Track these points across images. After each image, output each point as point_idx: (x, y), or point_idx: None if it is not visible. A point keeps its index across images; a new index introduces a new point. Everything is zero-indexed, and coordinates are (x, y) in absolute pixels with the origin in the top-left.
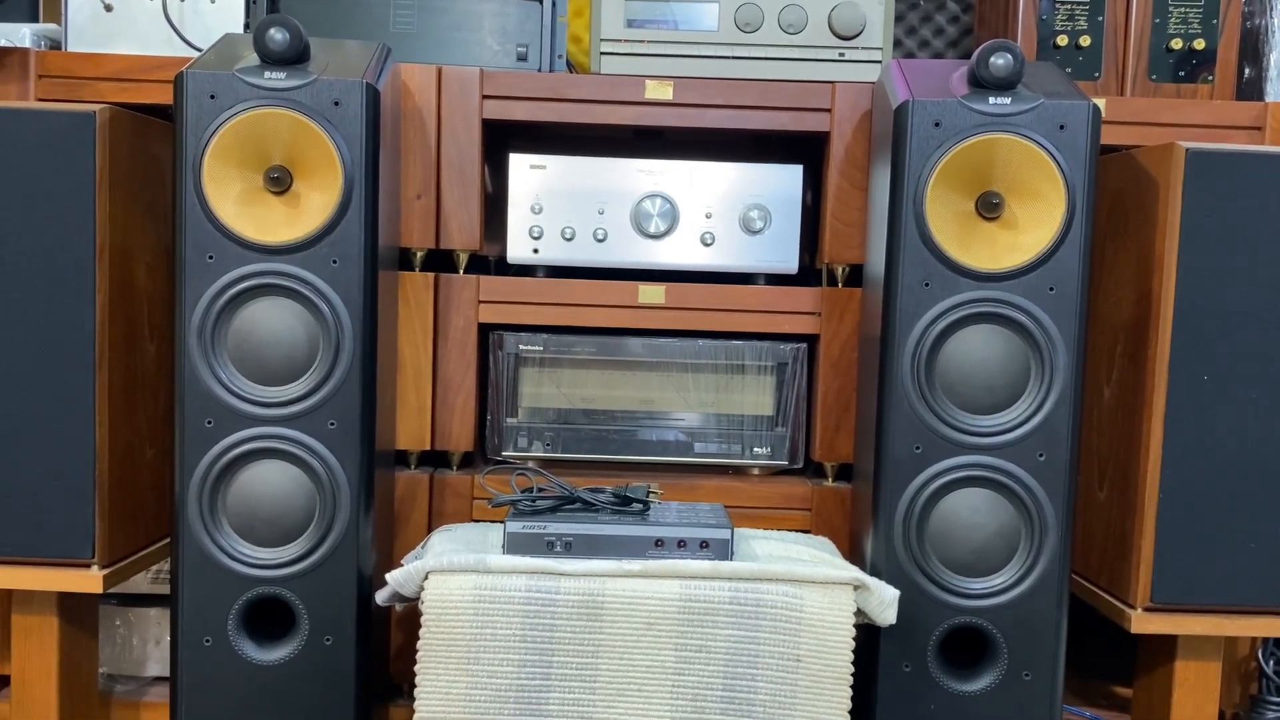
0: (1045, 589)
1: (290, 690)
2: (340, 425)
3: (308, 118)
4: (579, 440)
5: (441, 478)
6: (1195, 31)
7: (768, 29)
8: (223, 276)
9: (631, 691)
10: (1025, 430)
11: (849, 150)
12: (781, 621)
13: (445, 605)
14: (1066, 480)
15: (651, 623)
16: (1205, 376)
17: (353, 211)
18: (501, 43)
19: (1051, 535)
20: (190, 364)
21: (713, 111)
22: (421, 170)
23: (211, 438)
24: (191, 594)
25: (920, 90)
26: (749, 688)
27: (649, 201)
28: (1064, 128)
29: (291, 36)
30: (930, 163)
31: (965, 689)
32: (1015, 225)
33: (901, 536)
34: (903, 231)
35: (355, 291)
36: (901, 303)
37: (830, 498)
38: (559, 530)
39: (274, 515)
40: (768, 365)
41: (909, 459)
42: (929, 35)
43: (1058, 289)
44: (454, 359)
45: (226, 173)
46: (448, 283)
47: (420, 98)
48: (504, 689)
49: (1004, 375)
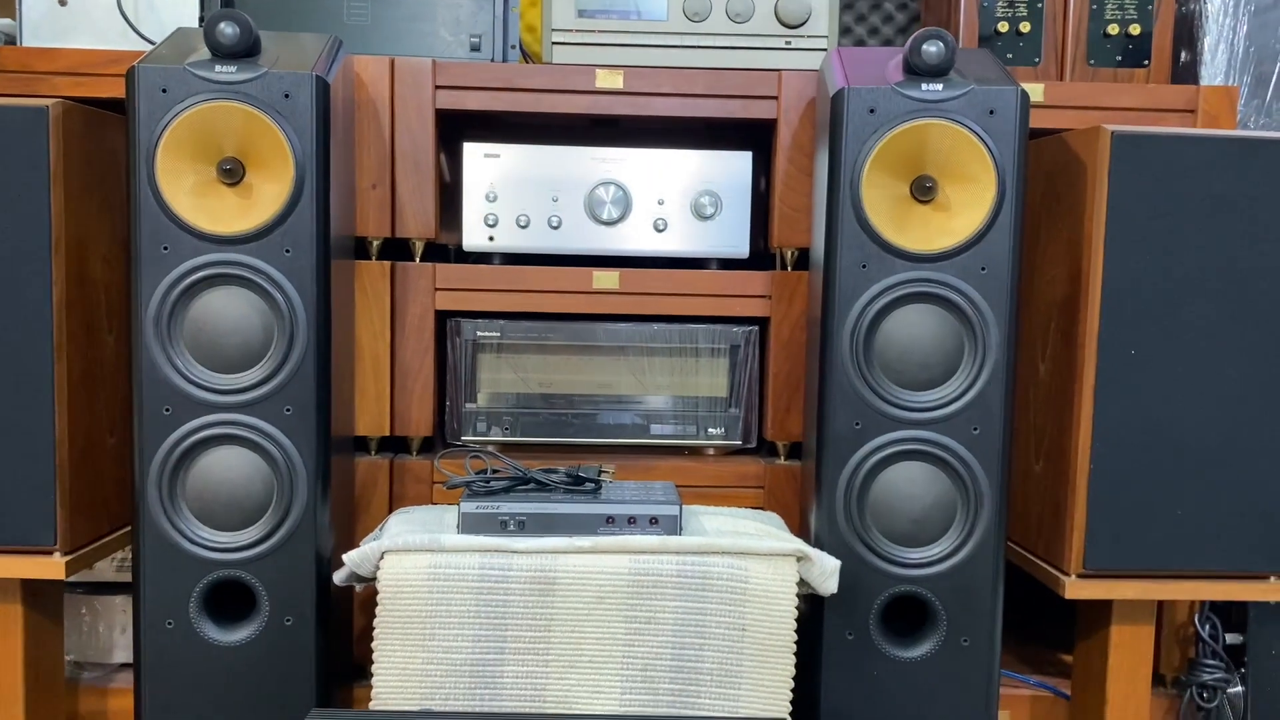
0: (982, 558)
1: (252, 670)
2: (296, 411)
3: (259, 110)
4: (537, 424)
5: (401, 463)
6: (1131, 17)
7: (716, 18)
8: (178, 267)
9: (583, 663)
10: (960, 405)
11: (796, 137)
12: (727, 593)
13: (401, 584)
14: (1000, 453)
15: (602, 597)
16: (1133, 351)
17: (304, 201)
18: (455, 33)
19: (986, 506)
20: (147, 353)
21: (663, 100)
22: (376, 160)
23: (170, 425)
24: (153, 578)
25: (856, 78)
26: (696, 657)
27: (603, 189)
28: (994, 113)
29: (241, 30)
30: (866, 148)
31: (906, 656)
32: (948, 208)
33: (843, 509)
34: (840, 215)
35: (308, 280)
36: (840, 284)
37: (782, 475)
38: (512, 510)
39: (232, 500)
40: (721, 348)
41: (849, 435)
42: (878, 22)
43: (989, 269)
44: (412, 346)
45: (179, 165)
46: (404, 271)
47: (374, 89)
48: (459, 664)
49: (939, 353)
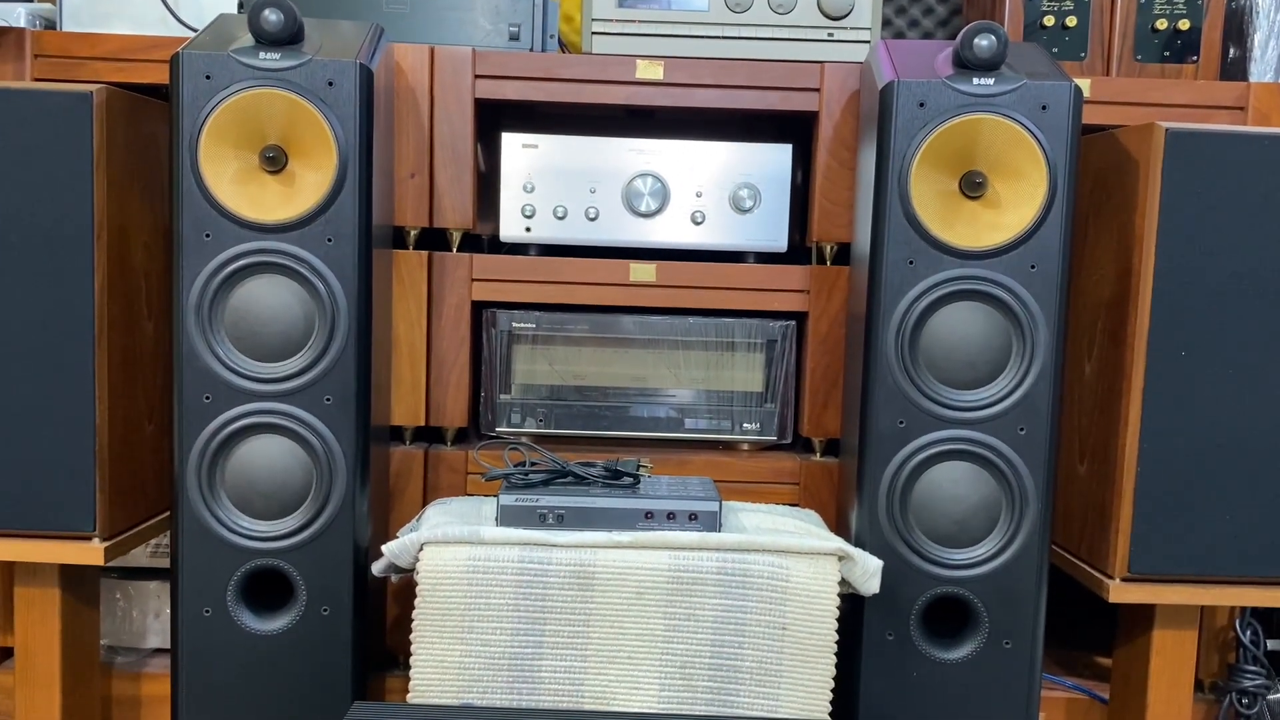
0: (1026, 560)
1: (288, 659)
2: (336, 400)
3: (302, 98)
4: (571, 416)
5: (436, 453)
6: (1180, 12)
7: (758, 9)
8: (219, 254)
9: (622, 659)
10: (1007, 405)
11: (837, 130)
12: (768, 591)
13: (440, 576)
14: (1047, 453)
15: (641, 592)
16: (1183, 352)
17: (347, 190)
18: (494, 22)
19: (1032, 507)
20: (188, 341)
21: (703, 91)
22: (415, 149)
23: (210, 413)
24: (191, 566)
25: (906, 71)
26: (736, 655)
27: (640, 180)
28: (1046, 108)
29: (286, 17)
30: (915, 142)
31: (947, 657)
32: (998, 204)
33: (885, 509)
34: (888, 210)
35: (350, 269)
36: (886, 280)
37: (818, 472)
38: (551, 503)
39: (271, 489)
40: (757, 342)
41: (893, 433)
42: (918, 15)
43: (1039, 267)
44: (448, 336)
45: (222, 152)
46: (441, 261)
47: (413, 77)
48: (497, 657)
49: (986, 351)
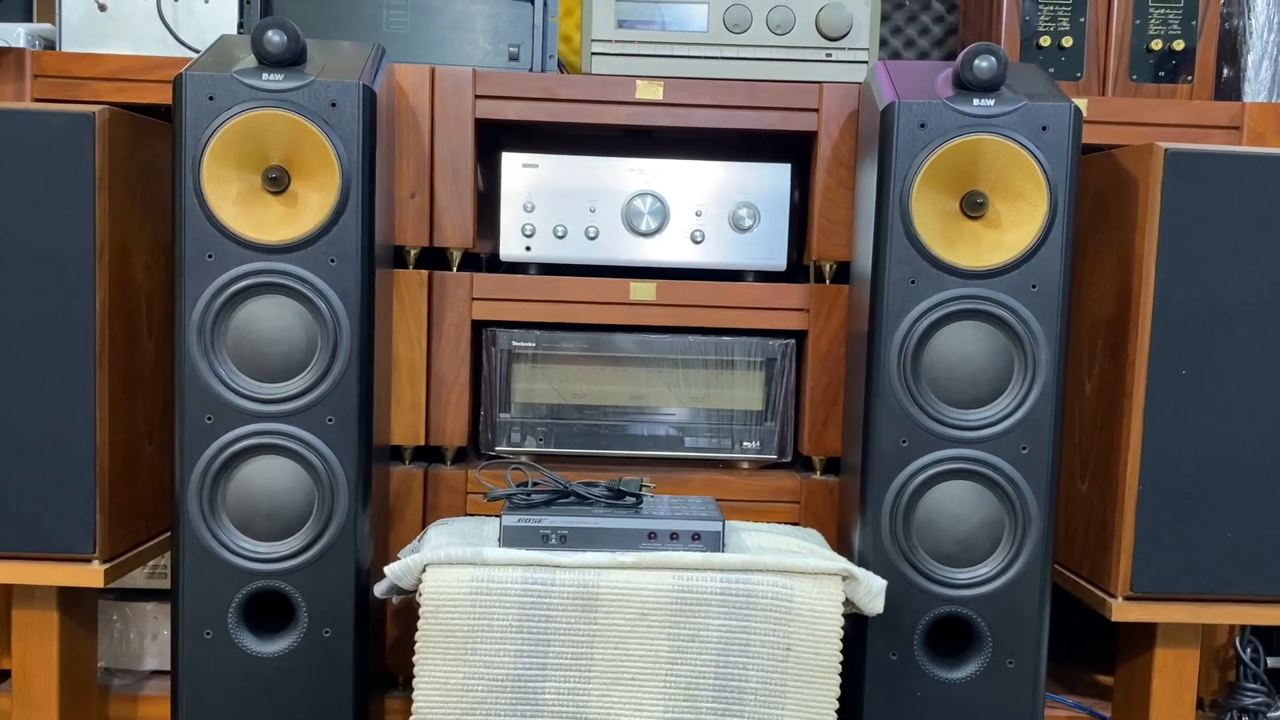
0: (1029, 579)
1: (290, 681)
2: (338, 421)
3: (305, 119)
4: (571, 435)
5: (436, 472)
6: (1175, 32)
7: (756, 29)
8: (222, 275)
9: (626, 681)
10: (1009, 424)
11: (836, 149)
12: (772, 611)
13: (443, 597)
14: (1049, 472)
15: (645, 613)
16: (1183, 371)
17: (350, 211)
18: (494, 43)
19: (1034, 526)
20: (190, 361)
21: (702, 111)
22: (415, 169)
23: (211, 434)
24: (192, 587)
25: (906, 92)
26: (740, 676)
27: (640, 200)
28: (1046, 129)
29: (289, 38)
30: (916, 163)
31: (950, 677)
32: (999, 224)
33: (889, 528)
34: (889, 230)
35: (353, 289)
36: (888, 299)
37: (818, 491)
38: (554, 523)
39: (273, 510)
40: (757, 361)
41: (895, 452)
42: (914, 35)
43: (1040, 286)
44: (448, 355)
45: (225, 173)
46: (441, 280)
47: (414, 98)
48: (501, 679)
49: (988, 370)
